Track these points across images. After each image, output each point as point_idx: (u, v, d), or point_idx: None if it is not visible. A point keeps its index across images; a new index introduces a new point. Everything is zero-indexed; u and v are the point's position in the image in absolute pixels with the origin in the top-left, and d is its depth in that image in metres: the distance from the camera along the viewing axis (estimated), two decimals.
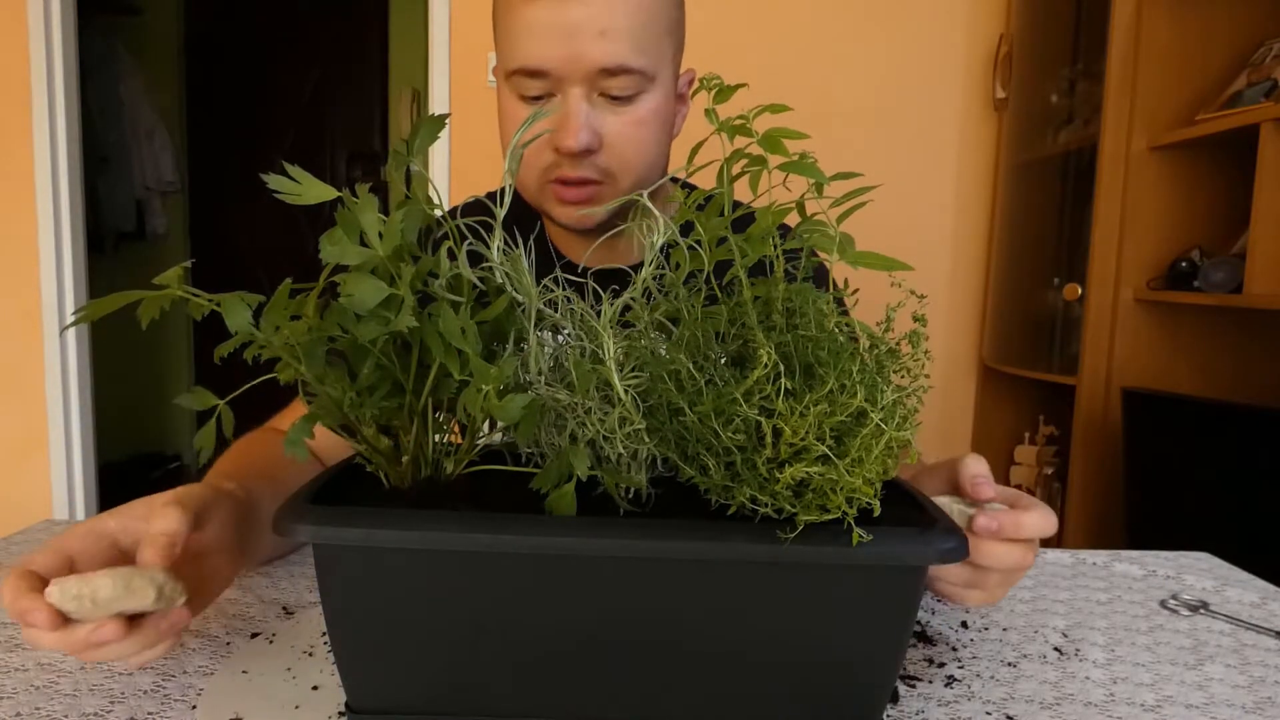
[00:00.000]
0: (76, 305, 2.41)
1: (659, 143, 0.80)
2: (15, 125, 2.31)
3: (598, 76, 0.73)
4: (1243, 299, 1.63)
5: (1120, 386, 1.87)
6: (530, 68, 0.73)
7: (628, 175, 0.77)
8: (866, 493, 0.41)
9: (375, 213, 0.42)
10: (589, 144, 0.73)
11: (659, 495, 0.47)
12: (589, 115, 0.74)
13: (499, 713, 0.46)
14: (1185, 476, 1.73)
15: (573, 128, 0.72)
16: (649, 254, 0.49)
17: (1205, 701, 0.55)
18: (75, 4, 2.36)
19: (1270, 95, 1.65)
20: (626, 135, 0.76)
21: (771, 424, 0.40)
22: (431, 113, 0.48)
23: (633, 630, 0.44)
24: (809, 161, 0.43)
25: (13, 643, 0.57)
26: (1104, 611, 0.69)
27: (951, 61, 2.39)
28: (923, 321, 0.44)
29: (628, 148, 0.76)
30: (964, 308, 2.49)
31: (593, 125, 0.74)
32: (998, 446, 2.43)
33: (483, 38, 2.27)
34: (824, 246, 0.43)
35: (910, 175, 2.42)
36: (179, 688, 0.52)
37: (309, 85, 3.87)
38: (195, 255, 3.99)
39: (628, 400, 0.44)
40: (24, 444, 2.43)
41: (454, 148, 2.33)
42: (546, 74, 0.73)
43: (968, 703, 0.53)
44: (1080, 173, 2.03)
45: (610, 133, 0.75)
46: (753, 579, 0.42)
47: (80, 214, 2.44)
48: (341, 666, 0.46)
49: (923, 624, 0.65)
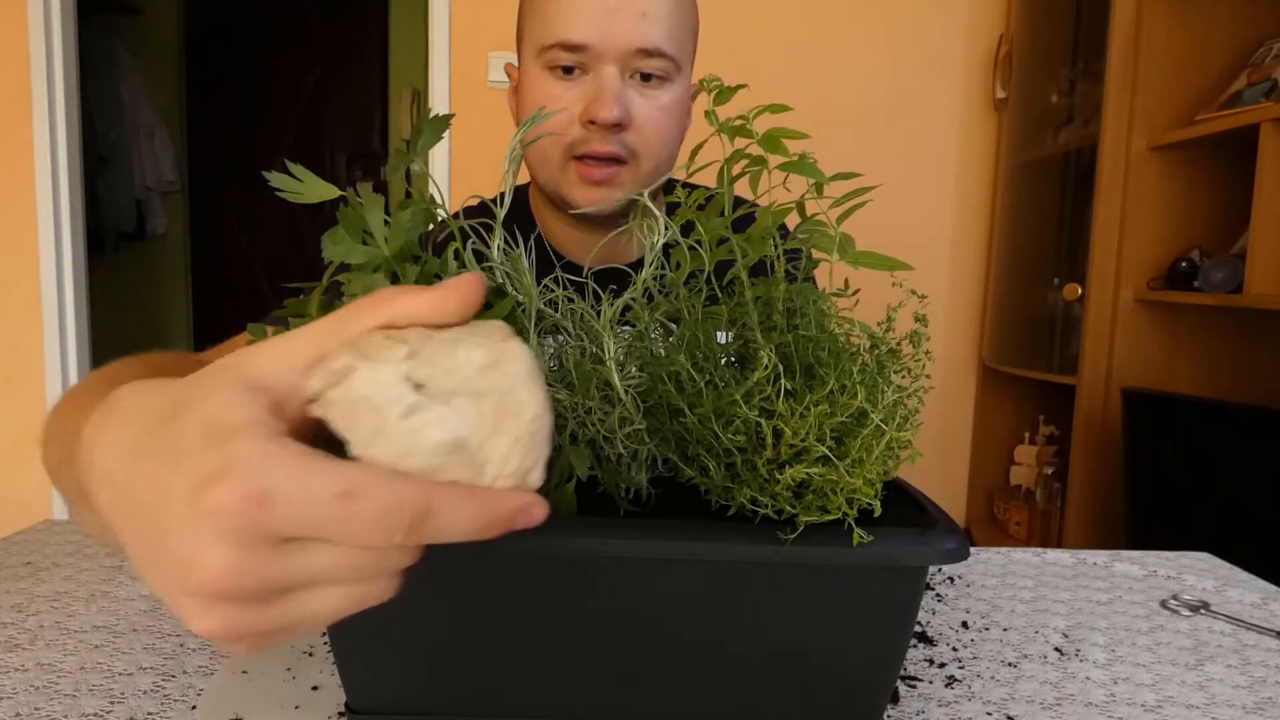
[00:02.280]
0: (76, 305, 2.41)
1: (676, 135, 0.82)
2: (15, 125, 2.31)
3: (633, 56, 0.76)
4: (1243, 299, 1.63)
5: (1120, 386, 1.87)
6: (572, 41, 0.75)
7: (649, 158, 0.79)
8: (867, 493, 0.41)
9: (380, 212, 0.42)
10: (621, 117, 0.76)
11: (659, 495, 0.47)
12: (622, 91, 0.76)
13: (498, 713, 0.46)
14: (1185, 476, 1.73)
15: (607, 99, 0.75)
16: (649, 254, 0.48)
17: (1206, 702, 0.55)
18: (75, 4, 2.36)
19: (1270, 95, 1.65)
20: (653, 119, 0.78)
21: (772, 425, 0.40)
22: (432, 113, 0.48)
23: (633, 630, 0.44)
24: (809, 162, 0.43)
25: (12, 643, 0.57)
26: (1105, 612, 0.69)
27: (951, 61, 2.39)
28: (923, 321, 0.44)
29: (653, 131, 0.79)
30: (964, 308, 2.49)
31: (625, 101, 0.76)
32: (998, 446, 2.43)
33: (483, 38, 2.28)
34: (824, 246, 0.43)
35: (910, 175, 2.42)
36: (179, 688, 0.52)
37: (309, 85, 3.87)
38: (195, 255, 3.99)
39: (628, 400, 0.44)
40: (24, 444, 2.42)
41: (454, 148, 2.33)
42: (585, 48, 0.75)
43: (968, 703, 0.53)
44: (1080, 173, 2.03)
45: (639, 114, 0.78)
46: (753, 579, 0.42)
47: (80, 214, 2.44)
48: (341, 666, 0.46)
49: (923, 624, 0.65)
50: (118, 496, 0.29)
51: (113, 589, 0.66)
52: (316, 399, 0.27)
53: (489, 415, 0.27)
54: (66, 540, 0.77)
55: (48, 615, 0.61)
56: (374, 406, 0.26)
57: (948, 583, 0.75)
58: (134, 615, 0.62)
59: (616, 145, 0.77)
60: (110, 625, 0.60)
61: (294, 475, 0.25)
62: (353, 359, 0.27)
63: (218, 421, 0.26)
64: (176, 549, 0.26)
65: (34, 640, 0.57)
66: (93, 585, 0.67)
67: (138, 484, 0.27)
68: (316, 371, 0.28)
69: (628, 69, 0.76)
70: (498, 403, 0.28)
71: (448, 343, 0.28)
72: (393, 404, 0.26)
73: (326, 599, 0.28)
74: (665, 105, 0.79)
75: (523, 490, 0.29)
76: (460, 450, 0.27)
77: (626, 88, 0.77)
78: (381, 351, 0.27)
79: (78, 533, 0.79)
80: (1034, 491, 2.24)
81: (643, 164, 0.79)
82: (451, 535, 0.28)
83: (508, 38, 0.87)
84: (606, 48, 0.75)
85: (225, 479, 0.25)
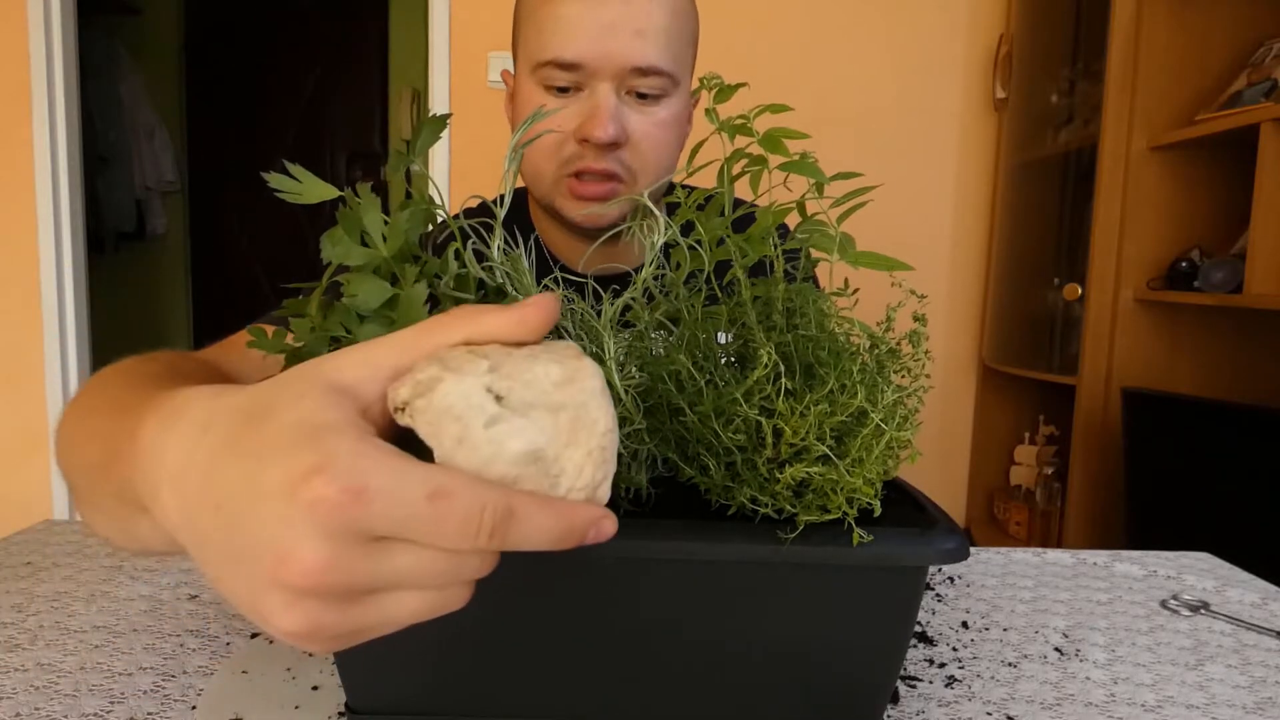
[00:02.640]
0: (76, 305, 2.41)
1: (674, 149, 0.81)
2: (15, 125, 2.31)
3: (629, 74, 0.74)
4: (1243, 299, 1.63)
5: (1120, 386, 1.87)
6: (566, 60, 0.74)
7: (646, 175, 0.78)
8: (867, 493, 0.41)
9: (379, 213, 0.42)
10: (617, 136, 0.75)
11: (659, 495, 0.47)
12: (618, 109, 0.75)
13: (498, 713, 0.46)
14: (1185, 476, 1.73)
15: (602, 119, 0.74)
16: (649, 254, 0.48)
17: (1206, 702, 0.55)
18: (75, 4, 2.36)
19: (1270, 95, 1.65)
20: (650, 135, 0.77)
21: (772, 424, 0.40)
22: (432, 113, 0.48)
23: (633, 630, 0.44)
24: (809, 161, 0.43)
25: (12, 643, 0.57)
26: (1105, 612, 0.69)
27: (951, 61, 2.39)
28: (923, 321, 0.44)
29: (650, 147, 0.78)
30: (964, 308, 2.49)
31: (620, 119, 0.75)
32: (998, 446, 2.43)
33: (483, 38, 2.28)
34: (824, 246, 0.43)
35: (910, 175, 2.42)
36: (179, 688, 0.52)
37: (309, 85, 3.87)
38: (195, 255, 3.99)
39: (628, 400, 0.44)
40: (24, 444, 2.43)
41: (454, 148, 2.33)
42: (580, 67, 0.74)
43: (968, 703, 0.53)
44: (1080, 173, 2.03)
45: (635, 131, 0.77)
46: (753, 579, 0.42)
47: (80, 214, 2.44)
48: (341, 666, 0.46)
49: (923, 624, 0.65)
50: (196, 495, 0.29)
51: (113, 589, 0.66)
52: (404, 408, 0.28)
53: (564, 429, 0.29)
54: (66, 540, 0.77)
55: (48, 615, 0.61)
56: (458, 416, 0.27)
57: (948, 583, 0.75)
58: (134, 615, 0.62)
59: (612, 163, 0.77)
60: (110, 625, 0.60)
61: (389, 473, 0.26)
62: (439, 371, 0.28)
63: (312, 421, 0.27)
64: (271, 542, 0.26)
65: (34, 640, 0.57)
66: (93, 585, 0.67)
67: (224, 482, 0.28)
68: (404, 381, 0.29)
69: (623, 87, 0.75)
70: (572, 417, 0.29)
71: (525, 358, 0.29)
72: (476, 414, 0.28)
73: (405, 603, 0.29)
74: (662, 120, 0.78)
75: (594, 504, 0.30)
76: (538, 461, 0.28)
77: (622, 105, 0.76)
78: (465, 365, 0.28)
79: (78, 533, 0.79)
80: (1034, 491, 2.24)
81: (639, 181, 0.78)
82: (530, 543, 0.28)
83: (508, 38, 0.86)
84: (601, 67, 0.74)
85: (325, 472, 0.25)
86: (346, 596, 0.27)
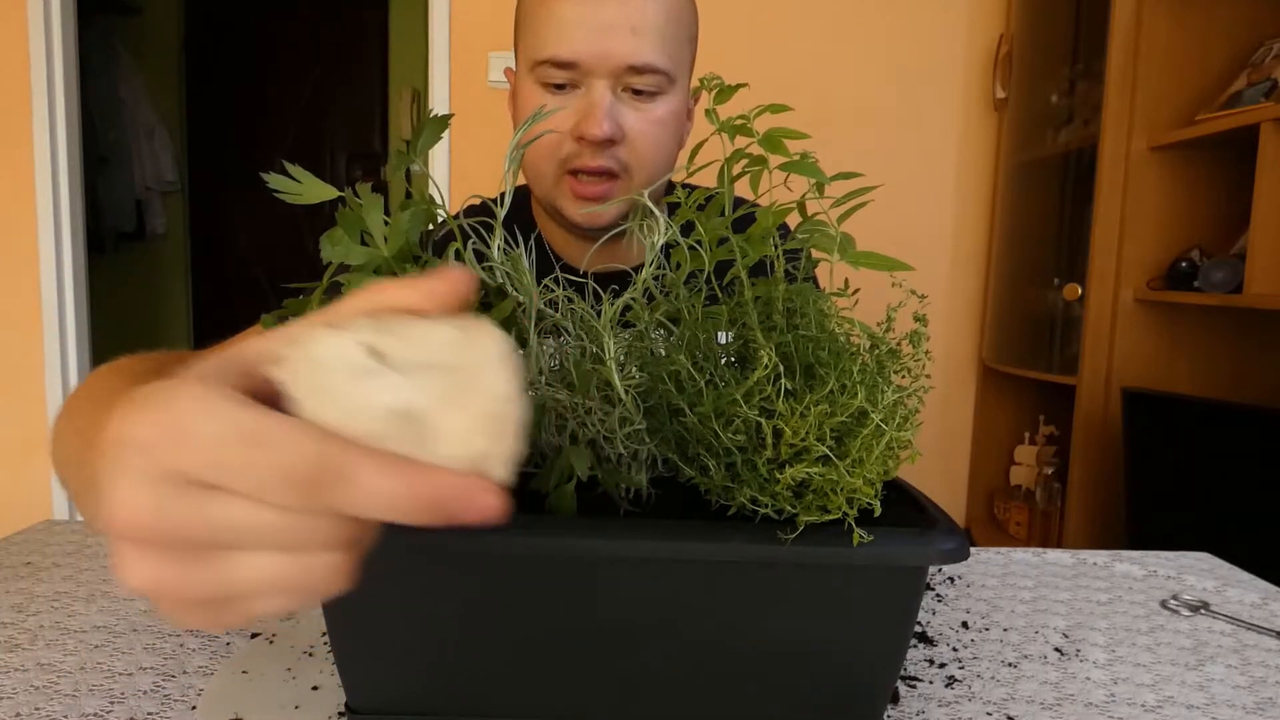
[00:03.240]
0: (76, 305, 2.41)
1: (672, 146, 0.82)
2: (15, 125, 2.31)
3: (624, 72, 0.76)
4: (1243, 299, 1.63)
5: (1120, 386, 1.87)
6: (562, 59, 0.75)
7: (642, 172, 0.79)
8: (867, 493, 0.41)
9: (380, 213, 0.42)
10: (612, 133, 0.76)
11: (659, 495, 0.47)
12: (613, 106, 0.76)
13: (498, 713, 0.46)
14: (1185, 476, 1.73)
15: (598, 116, 0.75)
16: (650, 254, 0.48)
17: (1206, 702, 0.55)
18: (75, 4, 2.36)
19: (1270, 95, 1.65)
20: (646, 132, 0.78)
21: (772, 425, 0.40)
22: (432, 113, 0.48)
23: (633, 630, 0.44)
24: (809, 161, 0.43)
25: (12, 643, 0.57)
26: (1105, 612, 0.69)
27: (951, 61, 2.39)
28: (923, 321, 0.44)
29: (646, 144, 0.78)
30: (964, 308, 2.49)
31: (616, 117, 0.76)
32: (998, 446, 2.43)
33: (483, 38, 2.28)
34: (824, 246, 0.43)
35: (910, 175, 2.42)
36: (179, 688, 0.52)
37: (309, 85, 3.87)
38: (195, 255, 3.99)
39: (628, 400, 0.44)
40: (24, 444, 2.43)
41: (454, 148, 2.33)
42: (576, 65, 0.75)
43: (968, 703, 0.53)
44: (1080, 173, 2.03)
45: (631, 128, 0.78)
46: (753, 579, 0.42)
47: (80, 214, 2.44)
48: (341, 666, 0.45)
49: (923, 624, 0.65)
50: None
51: (113, 589, 0.66)
52: (277, 362, 0.26)
53: (449, 390, 0.26)
54: (66, 540, 0.77)
55: (48, 615, 0.61)
56: (324, 365, 0.25)
57: (948, 583, 0.75)
58: (134, 615, 0.62)
59: (608, 160, 0.77)
60: (110, 625, 0.60)
61: (213, 416, 0.24)
62: (322, 330, 0.26)
63: (174, 380, 0.26)
64: (106, 493, 0.25)
65: (34, 640, 0.57)
66: (93, 585, 0.67)
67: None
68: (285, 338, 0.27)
69: (619, 84, 0.77)
70: (462, 380, 0.26)
71: (422, 323, 0.27)
72: (343, 365, 0.25)
73: (256, 565, 0.26)
74: (659, 118, 0.79)
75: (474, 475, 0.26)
76: (409, 421, 0.25)
77: (619, 102, 0.77)
78: (350, 324, 0.26)
79: (78, 533, 0.79)
80: (1034, 491, 2.24)
81: (635, 178, 0.79)
82: (371, 507, 0.25)
83: (508, 38, 0.87)
84: (597, 65, 0.75)
85: (148, 416, 0.24)
86: (186, 549, 0.25)
